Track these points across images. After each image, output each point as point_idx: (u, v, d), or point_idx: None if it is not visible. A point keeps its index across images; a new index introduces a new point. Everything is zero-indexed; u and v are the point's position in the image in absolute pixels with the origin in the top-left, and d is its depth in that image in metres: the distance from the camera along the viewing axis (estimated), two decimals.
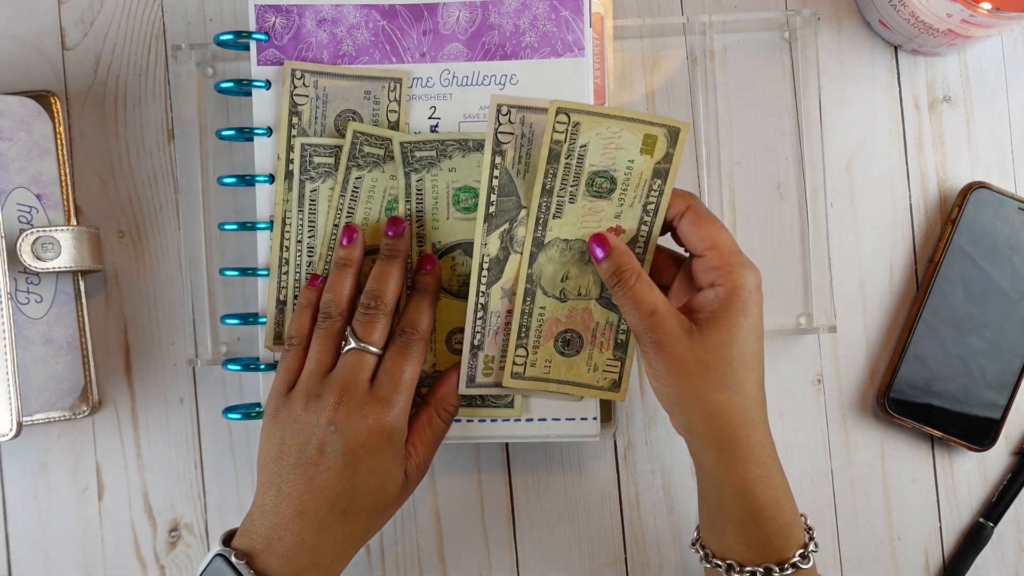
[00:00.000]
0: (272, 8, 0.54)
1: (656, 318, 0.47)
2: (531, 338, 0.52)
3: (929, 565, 0.60)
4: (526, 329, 0.52)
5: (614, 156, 0.49)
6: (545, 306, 0.51)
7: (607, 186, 0.49)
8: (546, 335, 0.52)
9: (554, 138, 0.48)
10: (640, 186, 0.50)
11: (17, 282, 0.55)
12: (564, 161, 0.49)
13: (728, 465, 0.47)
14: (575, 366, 0.52)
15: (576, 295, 0.51)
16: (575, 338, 0.52)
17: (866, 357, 0.60)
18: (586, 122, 0.48)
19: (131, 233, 0.60)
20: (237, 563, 0.46)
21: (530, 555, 0.59)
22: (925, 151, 0.60)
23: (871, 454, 0.60)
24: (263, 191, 0.55)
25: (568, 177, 0.49)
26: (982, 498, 0.60)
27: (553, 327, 0.52)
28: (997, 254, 0.58)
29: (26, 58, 0.60)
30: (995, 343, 0.58)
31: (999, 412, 0.58)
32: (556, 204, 0.50)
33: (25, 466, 0.59)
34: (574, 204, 0.50)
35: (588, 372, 0.52)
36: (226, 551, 0.47)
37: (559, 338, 0.52)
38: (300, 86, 0.53)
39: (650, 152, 0.49)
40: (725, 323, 0.46)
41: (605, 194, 0.50)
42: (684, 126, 0.49)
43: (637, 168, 0.49)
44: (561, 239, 0.50)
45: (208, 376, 0.59)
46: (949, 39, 0.56)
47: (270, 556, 0.47)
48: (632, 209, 0.50)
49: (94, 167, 0.60)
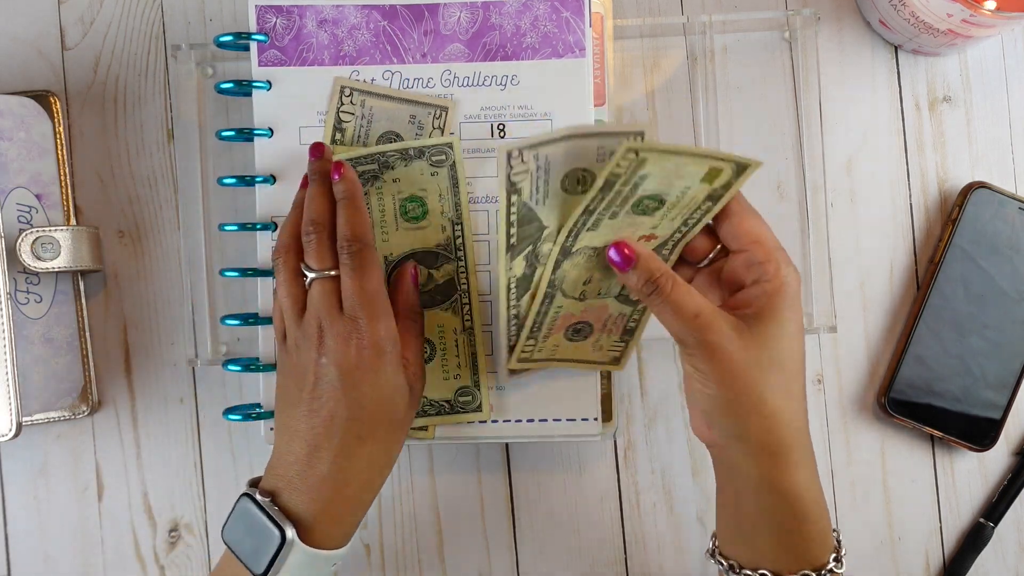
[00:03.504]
0: (273, 9, 0.54)
1: (702, 320, 0.44)
2: (543, 332, 0.51)
3: (929, 565, 0.60)
4: (539, 325, 0.51)
5: (671, 183, 0.45)
6: (562, 305, 0.50)
7: (654, 206, 0.46)
8: (558, 327, 0.51)
9: (613, 171, 0.44)
10: (689, 206, 0.46)
11: (17, 282, 0.55)
12: (618, 189, 0.44)
13: (779, 471, 0.45)
14: (581, 348, 0.52)
15: (596, 295, 0.50)
16: (586, 327, 0.52)
17: (866, 357, 0.60)
18: (653, 158, 0.43)
19: (131, 233, 0.60)
20: (262, 500, 0.47)
21: (530, 555, 0.59)
22: (925, 151, 0.60)
23: (871, 454, 0.60)
24: (263, 192, 0.55)
25: (616, 200, 0.45)
26: (982, 498, 0.60)
27: (566, 321, 0.51)
28: (997, 254, 0.58)
29: (26, 58, 0.60)
30: (995, 343, 0.58)
31: (999, 412, 0.58)
32: (595, 220, 0.46)
33: (25, 466, 0.59)
34: (614, 220, 0.46)
35: (593, 352, 0.53)
36: (251, 491, 0.48)
37: (570, 328, 0.51)
38: (347, 103, 0.53)
39: (710, 181, 0.45)
40: (776, 320, 0.44)
41: (650, 212, 0.46)
42: (755, 164, 0.44)
43: (692, 192, 0.46)
44: (590, 247, 0.48)
45: (208, 376, 0.59)
46: (949, 39, 0.56)
47: (293, 493, 0.48)
48: (672, 222, 0.47)
49: (94, 167, 0.60)
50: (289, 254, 0.50)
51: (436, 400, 0.54)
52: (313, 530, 0.47)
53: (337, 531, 0.49)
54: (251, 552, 0.47)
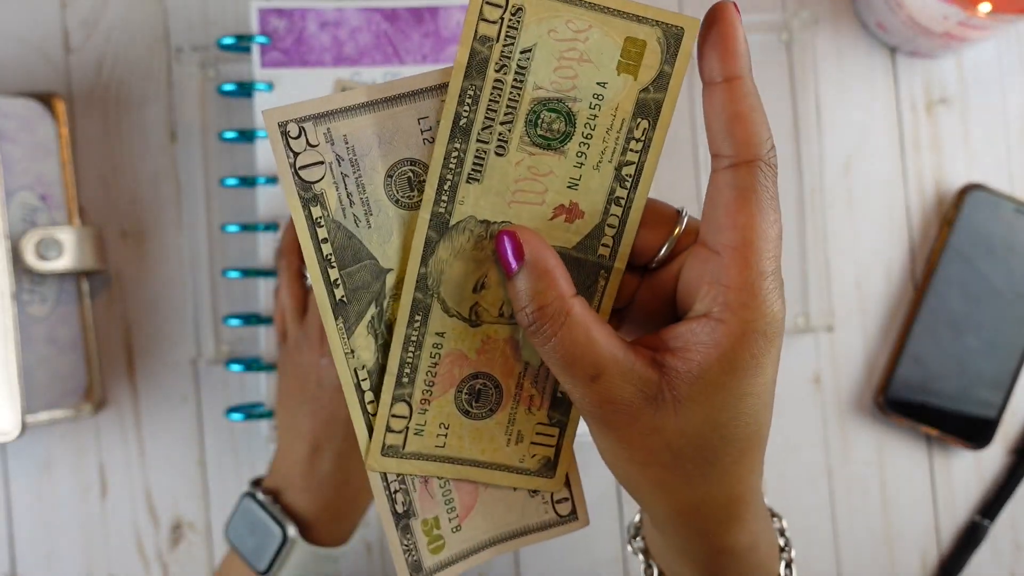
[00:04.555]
0: (275, 11, 0.54)
1: (600, 386, 0.29)
2: (418, 386, 0.32)
3: (925, 563, 0.60)
4: (411, 369, 0.32)
5: (575, 73, 0.30)
6: (445, 332, 0.32)
7: (560, 127, 0.31)
8: (443, 381, 0.32)
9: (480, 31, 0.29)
10: (614, 130, 0.31)
11: (21, 282, 0.55)
12: (493, 76, 0.30)
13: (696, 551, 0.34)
14: (486, 435, 0.33)
15: (496, 316, 0.32)
16: (489, 389, 0.33)
17: (863, 356, 0.60)
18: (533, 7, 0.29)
19: (134, 234, 0.60)
20: (264, 499, 0.48)
21: (530, 555, 0.60)
22: (922, 153, 0.61)
23: (868, 453, 0.60)
24: (265, 193, 0.55)
25: (497, 106, 0.30)
26: (978, 496, 0.60)
27: (455, 368, 0.32)
28: (993, 255, 0.59)
29: (29, 60, 0.60)
30: (991, 343, 0.58)
31: (995, 411, 0.59)
32: (474, 155, 0.30)
33: (29, 465, 0.60)
34: (503, 157, 0.31)
35: (507, 445, 0.33)
36: (253, 490, 0.49)
37: (464, 388, 0.33)
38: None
39: (633, 70, 0.30)
40: (720, 392, 0.29)
41: (556, 142, 0.31)
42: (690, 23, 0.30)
43: (611, 97, 0.30)
44: (477, 219, 0.31)
45: (210, 376, 0.60)
46: (945, 41, 0.57)
47: (295, 492, 0.48)
48: (599, 172, 0.31)
49: (97, 168, 0.60)
50: (292, 255, 0.51)
51: None
52: (315, 528, 0.48)
53: (339, 529, 0.49)
54: (254, 550, 0.48)
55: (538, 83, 0.30)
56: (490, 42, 0.29)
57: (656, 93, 0.31)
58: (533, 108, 0.30)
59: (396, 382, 0.32)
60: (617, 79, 0.30)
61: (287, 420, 0.50)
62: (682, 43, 0.30)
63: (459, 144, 0.30)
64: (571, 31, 0.30)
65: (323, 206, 0.30)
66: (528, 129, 0.31)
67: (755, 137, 0.29)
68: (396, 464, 0.32)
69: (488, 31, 0.29)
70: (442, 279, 0.31)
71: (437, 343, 0.32)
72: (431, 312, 0.32)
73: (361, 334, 0.31)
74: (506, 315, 0.32)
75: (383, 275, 0.31)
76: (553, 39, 0.30)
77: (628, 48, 0.30)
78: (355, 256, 0.30)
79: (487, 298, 0.32)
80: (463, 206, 0.31)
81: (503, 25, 0.29)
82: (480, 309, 0.32)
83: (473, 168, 0.31)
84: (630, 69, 0.30)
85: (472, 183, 0.31)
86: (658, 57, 0.30)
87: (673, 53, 0.30)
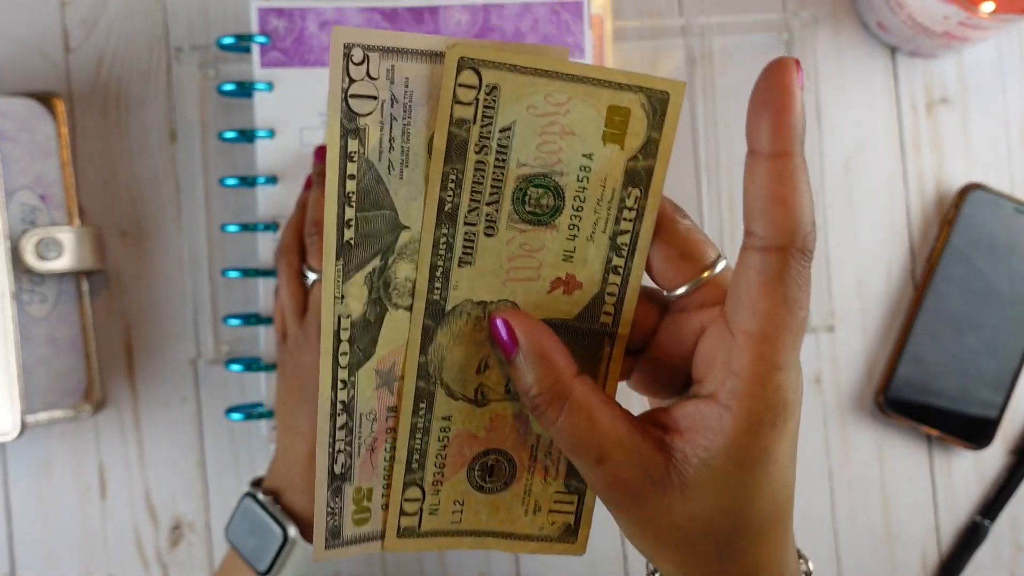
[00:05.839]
0: (274, 11, 0.54)
1: (606, 468, 0.29)
2: (428, 469, 0.32)
3: (926, 563, 0.60)
4: (420, 455, 0.31)
5: (559, 147, 0.29)
6: (451, 415, 0.31)
7: (548, 202, 0.30)
8: (454, 462, 0.32)
9: (456, 115, 0.28)
10: (605, 200, 0.30)
11: (21, 282, 0.55)
12: (475, 157, 0.29)
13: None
14: (503, 507, 0.33)
15: (503, 394, 0.32)
16: (502, 463, 0.32)
17: (864, 357, 0.60)
18: (510, 86, 0.28)
19: (133, 234, 0.60)
20: (264, 499, 0.48)
21: (530, 555, 0.60)
22: (922, 152, 0.61)
23: (869, 453, 0.60)
24: (264, 192, 0.55)
25: (482, 187, 0.29)
26: (979, 497, 0.60)
27: (465, 448, 0.32)
28: (994, 255, 0.59)
29: (29, 60, 0.60)
30: (992, 343, 0.58)
31: (996, 411, 0.59)
32: (464, 239, 0.30)
33: (28, 465, 0.60)
34: (493, 237, 0.30)
35: (525, 516, 0.33)
36: (254, 490, 0.49)
37: (476, 465, 0.32)
38: None
39: (619, 139, 0.29)
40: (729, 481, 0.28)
41: (546, 217, 0.30)
42: (676, 87, 0.29)
43: (599, 168, 0.30)
44: (474, 301, 0.30)
45: (210, 376, 0.60)
46: (946, 41, 0.57)
47: (295, 492, 0.48)
48: (593, 243, 0.30)
49: (97, 168, 0.60)
50: (291, 255, 0.51)
51: None
52: None
53: None
54: (254, 550, 0.48)
55: (521, 160, 0.29)
56: (467, 124, 0.28)
57: (645, 161, 0.30)
58: (519, 185, 0.29)
59: (406, 469, 0.31)
60: (603, 149, 0.29)
61: (287, 420, 0.50)
62: (668, 107, 0.29)
63: (447, 229, 0.29)
64: (551, 105, 0.29)
65: (361, 142, 0.28)
66: (516, 207, 0.30)
67: (793, 222, 0.26)
68: (414, 544, 0.32)
69: (464, 113, 0.28)
70: (443, 365, 0.31)
71: (444, 427, 0.31)
72: (435, 398, 0.31)
73: (357, 282, 0.30)
74: (512, 392, 0.32)
75: (398, 231, 0.30)
76: (532, 115, 0.29)
77: (612, 117, 0.29)
78: (376, 202, 0.29)
79: (492, 378, 0.31)
80: (457, 291, 0.30)
81: (479, 106, 0.28)
82: (486, 389, 0.31)
83: (464, 252, 0.30)
84: (616, 138, 0.29)
85: (464, 266, 0.30)
86: (644, 124, 0.29)
87: (660, 118, 0.29)
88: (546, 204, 0.30)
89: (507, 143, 0.29)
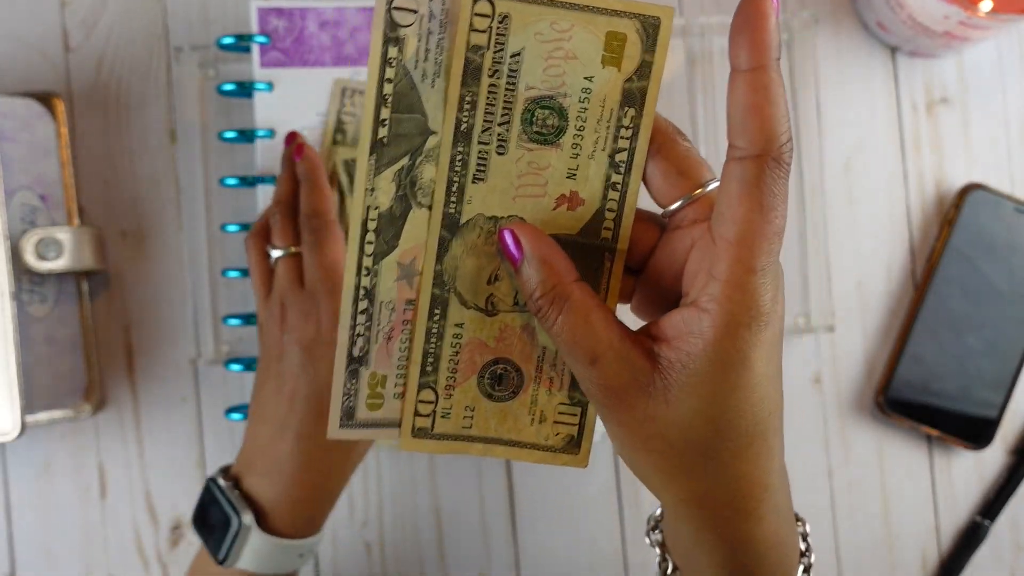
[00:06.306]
0: (274, 11, 0.54)
1: (599, 370, 0.31)
2: (442, 373, 0.34)
3: (926, 563, 0.60)
4: (434, 359, 0.34)
5: (563, 70, 0.32)
6: (463, 323, 0.34)
7: (554, 122, 0.32)
8: (465, 368, 0.34)
9: (472, 41, 0.32)
10: (604, 120, 0.33)
11: (21, 282, 0.55)
12: (488, 81, 0.32)
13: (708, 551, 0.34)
14: (510, 415, 0.35)
15: (511, 305, 0.34)
16: (510, 372, 0.35)
17: (864, 357, 0.60)
18: (519, 14, 0.31)
19: (133, 234, 0.60)
20: (223, 485, 0.46)
21: (530, 555, 0.60)
22: (922, 152, 0.61)
23: (869, 453, 0.60)
24: (264, 192, 0.55)
25: (494, 109, 0.32)
26: (979, 497, 0.60)
27: (476, 355, 0.34)
28: (994, 255, 0.59)
29: (29, 60, 0.60)
30: (992, 343, 0.58)
31: (996, 411, 0.59)
32: (477, 157, 0.33)
33: (28, 465, 0.60)
34: (504, 156, 0.33)
35: (531, 424, 0.35)
36: (216, 475, 0.48)
37: (486, 373, 0.35)
38: (348, 105, 0.54)
39: (616, 62, 0.32)
40: (706, 384, 0.30)
41: (551, 136, 0.33)
42: (666, 12, 0.32)
43: (598, 90, 0.32)
44: (486, 216, 0.33)
45: (210, 376, 0.60)
46: (946, 41, 0.57)
47: (254, 476, 0.47)
48: (594, 161, 0.33)
49: (97, 168, 0.60)
50: (258, 236, 0.51)
51: None
52: (272, 516, 0.46)
53: (300, 518, 0.47)
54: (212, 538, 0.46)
55: (530, 83, 0.32)
56: (482, 50, 0.32)
57: (640, 82, 0.32)
58: (527, 107, 0.32)
59: (420, 371, 0.34)
60: (602, 72, 0.32)
61: (255, 402, 0.49)
62: (659, 32, 0.32)
63: (462, 148, 0.32)
64: (556, 32, 0.32)
65: (400, 50, 0.31)
66: (525, 127, 0.32)
67: (767, 131, 0.29)
68: (426, 444, 0.35)
69: (479, 40, 0.31)
70: (457, 274, 0.33)
71: (457, 333, 0.34)
72: (449, 305, 0.34)
73: (386, 177, 0.33)
74: (520, 304, 0.34)
75: (426, 134, 0.33)
76: (539, 41, 0.32)
77: (610, 42, 0.32)
78: (409, 106, 0.32)
79: (501, 289, 0.34)
80: (471, 205, 0.33)
81: (492, 33, 0.31)
82: (495, 299, 0.34)
83: (477, 169, 0.33)
84: (614, 61, 0.32)
85: (478, 183, 0.33)
86: (638, 48, 0.32)
87: (652, 42, 0.32)
88: (551, 124, 0.32)
89: (517, 67, 0.32)
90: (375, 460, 0.60)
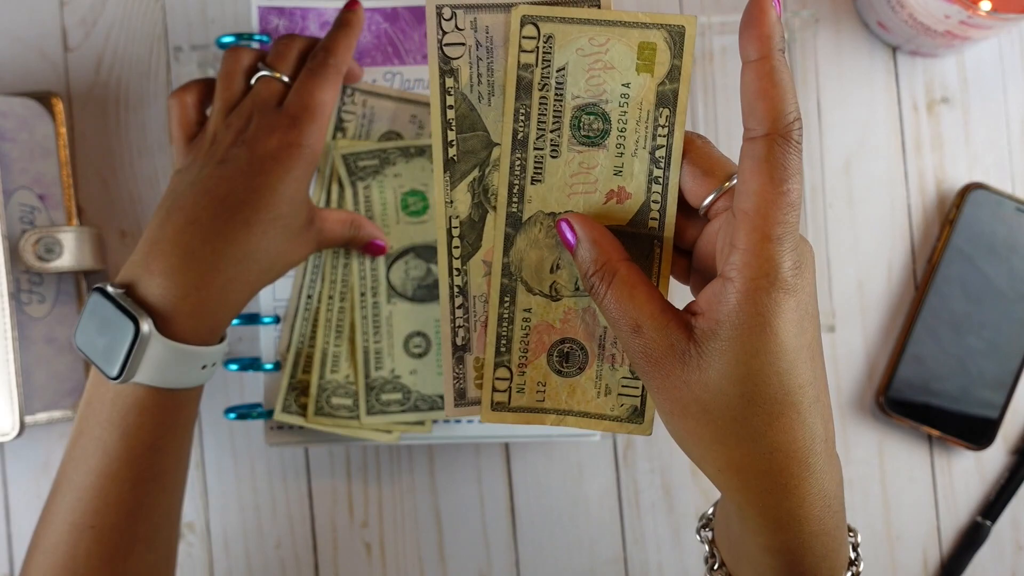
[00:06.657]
0: (275, 10, 0.54)
1: (641, 339, 0.34)
2: (515, 353, 0.39)
3: (927, 564, 0.60)
4: (507, 341, 0.39)
5: (603, 80, 0.36)
6: (531, 308, 0.39)
7: (599, 126, 0.37)
8: (535, 348, 0.39)
9: (522, 61, 0.36)
10: (643, 121, 0.37)
11: (20, 282, 0.55)
12: (538, 94, 0.37)
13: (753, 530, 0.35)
14: (579, 389, 0.39)
15: (573, 290, 0.39)
16: (576, 351, 0.39)
17: (864, 357, 0.60)
18: (561, 34, 0.36)
19: (133, 233, 0.60)
20: (114, 292, 0.42)
21: (530, 555, 0.60)
22: (923, 152, 0.61)
23: (869, 453, 0.60)
24: None
25: (546, 118, 0.37)
26: (980, 497, 0.60)
27: (544, 336, 0.39)
28: (995, 254, 0.58)
29: (28, 59, 0.60)
30: (993, 343, 0.58)
31: (997, 411, 0.58)
32: (534, 161, 0.37)
33: (28, 465, 0.60)
34: (558, 159, 0.37)
35: (598, 397, 0.39)
36: (102, 284, 0.43)
37: (554, 351, 0.39)
38: (349, 103, 0.54)
39: (649, 68, 0.36)
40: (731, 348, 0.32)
41: (597, 138, 0.37)
42: (689, 21, 0.36)
43: (636, 94, 0.37)
44: (545, 213, 0.38)
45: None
46: (947, 40, 0.57)
47: (151, 279, 0.42)
48: (637, 159, 0.37)
49: (96, 168, 0.60)
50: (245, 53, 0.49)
51: (430, 395, 0.54)
52: (173, 320, 0.42)
53: (203, 324, 0.43)
54: (104, 352, 0.42)
55: (575, 93, 0.37)
56: (531, 68, 0.36)
57: (671, 84, 0.37)
58: (575, 114, 0.37)
59: (496, 352, 0.39)
60: (638, 78, 0.36)
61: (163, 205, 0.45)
62: (685, 38, 0.36)
63: (520, 154, 0.37)
64: (594, 46, 0.36)
65: (456, 79, 0.37)
66: (573, 132, 0.37)
67: (774, 111, 0.32)
68: (505, 416, 0.39)
69: (528, 59, 0.36)
70: (522, 265, 0.38)
71: (526, 317, 0.39)
72: (517, 293, 0.38)
73: (461, 190, 0.38)
74: (581, 289, 0.38)
75: (490, 147, 0.37)
76: (580, 55, 0.36)
77: (642, 51, 0.36)
78: (471, 126, 0.37)
79: (563, 276, 0.38)
80: (531, 204, 0.38)
81: (539, 52, 0.36)
82: (558, 286, 0.39)
83: (535, 171, 0.37)
84: (647, 68, 0.36)
85: (536, 184, 0.37)
86: (668, 54, 0.36)
87: (680, 48, 0.36)
88: (597, 128, 0.37)
89: (563, 80, 0.36)
90: (375, 460, 0.59)
